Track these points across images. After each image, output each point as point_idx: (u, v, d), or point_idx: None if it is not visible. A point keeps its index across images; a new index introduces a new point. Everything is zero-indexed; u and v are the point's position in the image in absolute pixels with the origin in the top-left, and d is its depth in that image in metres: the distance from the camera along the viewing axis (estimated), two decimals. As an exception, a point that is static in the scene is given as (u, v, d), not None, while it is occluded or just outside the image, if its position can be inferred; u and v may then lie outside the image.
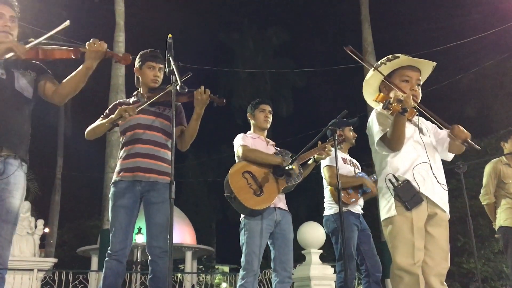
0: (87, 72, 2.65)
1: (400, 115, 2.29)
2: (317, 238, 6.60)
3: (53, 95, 2.68)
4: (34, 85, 2.66)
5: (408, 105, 2.26)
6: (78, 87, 2.70)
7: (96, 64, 2.66)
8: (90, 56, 2.60)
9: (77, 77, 2.66)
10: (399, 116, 2.30)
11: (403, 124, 2.35)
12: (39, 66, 2.70)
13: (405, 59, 2.56)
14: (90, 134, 3.05)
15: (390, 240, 2.38)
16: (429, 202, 2.41)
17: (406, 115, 2.29)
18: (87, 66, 2.63)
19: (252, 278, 3.33)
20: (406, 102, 2.25)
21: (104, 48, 2.63)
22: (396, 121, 2.34)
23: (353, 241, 4.21)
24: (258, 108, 3.76)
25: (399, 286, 2.27)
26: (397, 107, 2.24)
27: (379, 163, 2.57)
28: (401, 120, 2.33)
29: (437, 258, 2.35)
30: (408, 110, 2.28)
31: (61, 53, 2.58)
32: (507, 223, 4.54)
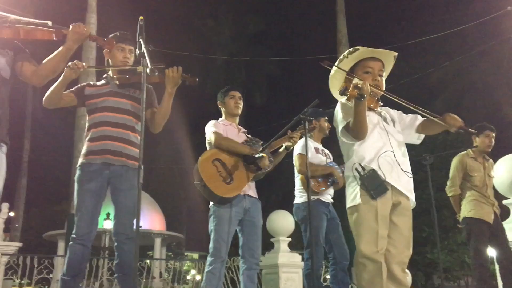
0: (67, 53, 2.63)
1: (357, 101, 2.31)
2: (286, 226, 6.67)
3: (32, 76, 2.62)
4: (12, 65, 2.58)
5: (365, 92, 2.27)
6: (58, 68, 2.68)
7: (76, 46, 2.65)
8: (72, 38, 2.59)
9: (57, 58, 2.63)
10: (358, 102, 2.32)
11: (362, 111, 2.37)
12: (17, 46, 2.62)
13: (365, 51, 2.59)
14: (47, 101, 2.93)
15: (355, 228, 2.42)
16: (394, 191, 2.46)
17: (363, 101, 2.30)
18: (68, 47, 2.61)
19: (219, 264, 3.33)
20: (363, 88, 2.27)
21: (87, 32, 2.63)
22: (355, 108, 2.37)
23: (322, 229, 4.26)
24: (228, 95, 3.75)
25: (362, 273, 2.31)
26: (354, 92, 2.26)
27: (346, 153, 2.60)
28: (360, 106, 2.35)
29: (400, 247, 2.40)
30: (366, 96, 2.28)
31: (43, 33, 2.53)
32: (471, 214, 4.66)
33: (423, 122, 2.68)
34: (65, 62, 2.69)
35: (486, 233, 4.59)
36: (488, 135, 4.79)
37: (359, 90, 2.26)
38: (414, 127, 2.67)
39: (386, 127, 2.57)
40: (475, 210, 4.65)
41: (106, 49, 3.04)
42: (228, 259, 8.77)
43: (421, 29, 17.08)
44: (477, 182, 4.72)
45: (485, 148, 4.81)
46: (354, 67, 2.63)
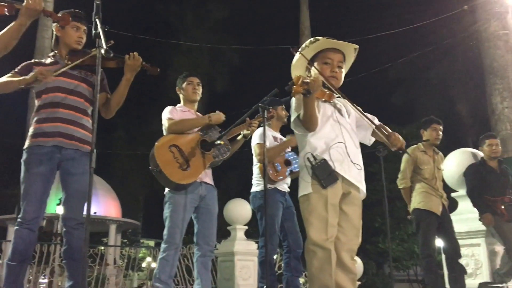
0: (19, 29, 2.55)
1: (304, 97, 2.33)
2: (243, 215, 6.69)
3: None
4: None
5: (312, 87, 2.29)
6: (9, 44, 2.59)
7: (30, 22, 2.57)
8: (25, 13, 2.51)
9: (9, 34, 2.55)
10: (304, 98, 2.34)
11: (311, 105, 2.39)
12: None
13: (325, 42, 2.60)
14: None
15: (306, 217, 2.46)
16: (344, 181, 2.50)
17: (310, 97, 2.32)
18: (20, 22, 2.53)
19: (173, 251, 3.31)
20: (311, 84, 2.29)
21: (41, 7, 2.54)
22: (303, 103, 2.39)
23: (278, 218, 4.31)
24: (186, 81, 3.71)
25: (312, 260, 2.35)
26: (299, 88, 2.26)
27: (300, 143, 2.63)
28: (307, 101, 2.37)
29: (349, 235, 2.46)
30: (312, 92, 2.30)
31: None
32: (421, 205, 4.80)
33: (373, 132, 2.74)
34: (17, 39, 2.59)
35: (434, 224, 4.75)
36: (435, 128, 4.94)
37: (307, 85, 2.27)
38: (368, 131, 2.73)
39: (340, 119, 2.61)
40: (425, 201, 4.79)
41: (60, 25, 2.92)
42: (184, 247, 8.78)
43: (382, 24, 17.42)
44: (427, 175, 4.86)
45: (434, 141, 4.96)
46: (314, 58, 2.64)
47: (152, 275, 3.42)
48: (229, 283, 6.43)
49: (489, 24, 8.74)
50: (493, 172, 5.08)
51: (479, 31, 9.10)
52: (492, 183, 4.99)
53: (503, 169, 5.12)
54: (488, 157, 5.16)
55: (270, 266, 4.52)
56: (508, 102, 8.38)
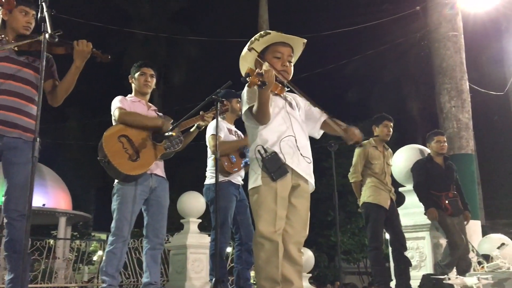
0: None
1: (259, 89, 2.33)
2: (197, 208, 6.66)
3: None
4: None
5: (267, 79, 2.30)
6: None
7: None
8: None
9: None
10: (260, 90, 2.35)
11: (265, 98, 2.40)
12: None
13: (276, 35, 2.62)
14: None
15: (255, 209, 2.47)
16: (294, 174, 2.53)
17: (266, 89, 2.34)
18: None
19: (121, 244, 3.25)
20: (266, 76, 2.30)
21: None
22: (258, 95, 2.39)
23: (231, 210, 4.30)
24: (139, 71, 3.62)
25: (259, 252, 2.37)
26: (255, 80, 2.27)
27: (250, 135, 2.64)
28: (263, 94, 2.38)
29: (297, 227, 2.49)
30: (267, 84, 2.31)
31: None
32: (370, 199, 4.93)
33: (325, 120, 2.76)
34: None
35: (382, 217, 4.89)
36: (386, 125, 5.09)
37: (262, 77, 2.28)
38: (319, 122, 2.76)
39: (291, 112, 2.63)
40: (374, 195, 4.93)
41: (5, 9, 2.79)
42: (136, 240, 8.64)
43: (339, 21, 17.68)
44: (377, 170, 5.00)
45: (384, 137, 5.11)
46: (265, 51, 2.65)
47: None
48: (181, 276, 6.40)
49: (440, 25, 9.02)
50: (439, 168, 5.27)
51: (430, 32, 9.39)
52: (438, 178, 5.18)
53: (448, 165, 5.33)
54: (435, 153, 5.35)
55: (222, 259, 4.52)
56: (455, 101, 8.70)
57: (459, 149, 8.42)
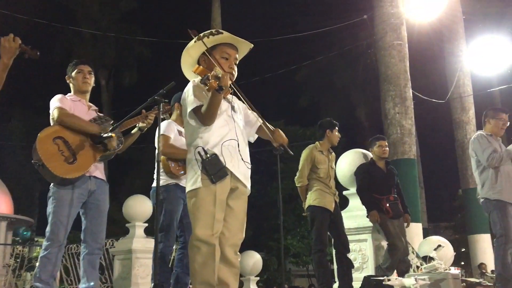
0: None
1: (216, 92, 2.32)
2: (143, 211, 6.55)
3: None
4: None
5: (224, 84, 2.30)
6: None
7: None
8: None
9: None
10: (216, 93, 2.33)
11: (218, 101, 2.40)
12: None
13: (228, 36, 2.62)
14: None
15: (193, 212, 2.44)
16: (233, 177, 2.52)
17: (222, 93, 2.34)
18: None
19: (56, 249, 3.13)
20: (223, 80, 2.30)
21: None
22: (212, 98, 2.38)
23: (177, 214, 4.24)
24: (76, 69, 3.51)
25: (196, 256, 2.35)
26: (214, 84, 2.26)
27: (190, 135, 2.60)
28: (218, 97, 2.37)
29: (234, 230, 2.49)
30: (225, 88, 2.32)
31: None
32: (316, 202, 5.00)
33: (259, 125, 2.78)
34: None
35: (327, 220, 4.97)
36: (337, 131, 5.19)
37: (219, 81, 2.27)
38: (255, 127, 2.77)
39: (234, 115, 2.62)
40: (319, 199, 5.00)
41: None
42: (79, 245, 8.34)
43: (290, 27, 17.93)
44: (322, 174, 5.07)
45: (333, 143, 5.20)
46: (212, 50, 2.63)
47: None
48: (126, 282, 6.25)
49: (386, 34, 9.33)
50: (381, 172, 5.42)
51: (377, 40, 9.69)
52: (379, 182, 5.32)
53: (390, 170, 5.49)
54: (377, 157, 5.50)
55: (165, 263, 4.44)
56: (399, 108, 9.00)
57: (402, 154, 8.71)
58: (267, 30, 20.56)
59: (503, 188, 4.55)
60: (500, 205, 4.52)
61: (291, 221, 16.02)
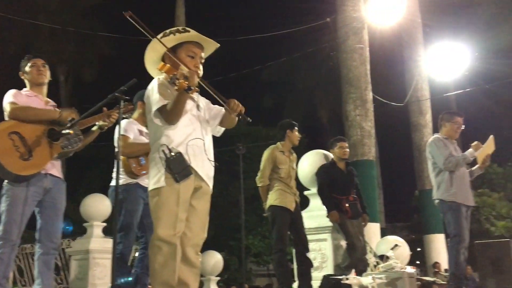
0: None
1: (184, 92, 2.30)
2: (102, 211, 6.42)
3: None
4: None
5: (192, 83, 2.29)
6: None
7: None
8: None
9: None
10: (183, 93, 2.32)
11: (184, 101, 2.38)
12: None
13: (194, 35, 2.60)
14: None
15: (155, 211, 2.41)
16: (197, 176, 2.50)
17: (189, 93, 2.32)
18: None
19: (9, 249, 3.02)
20: (191, 79, 2.29)
21: None
22: (179, 97, 2.36)
23: (137, 213, 4.17)
24: (30, 63, 3.40)
25: (156, 256, 2.32)
26: (184, 84, 2.25)
27: (153, 133, 2.56)
28: (185, 97, 2.36)
29: (196, 230, 2.47)
30: (193, 88, 2.31)
31: None
32: (277, 202, 5.03)
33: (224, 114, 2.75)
34: None
35: (288, 220, 5.01)
36: (297, 131, 5.24)
37: (188, 81, 2.25)
38: (218, 119, 2.75)
39: (199, 114, 2.61)
40: (280, 199, 5.04)
41: None
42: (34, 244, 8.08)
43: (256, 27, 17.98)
44: (283, 174, 5.11)
45: (294, 142, 5.25)
46: (177, 48, 2.60)
47: None
48: (82, 283, 6.12)
49: (348, 37, 9.51)
50: (341, 172, 5.52)
51: (339, 43, 9.86)
52: (339, 183, 5.42)
53: (350, 170, 5.60)
54: (338, 158, 5.59)
55: (125, 263, 4.37)
56: (360, 110, 9.19)
57: (362, 156, 8.90)
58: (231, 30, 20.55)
59: (458, 190, 4.71)
60: (455, 206, 4.67)
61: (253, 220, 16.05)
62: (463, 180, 4.80)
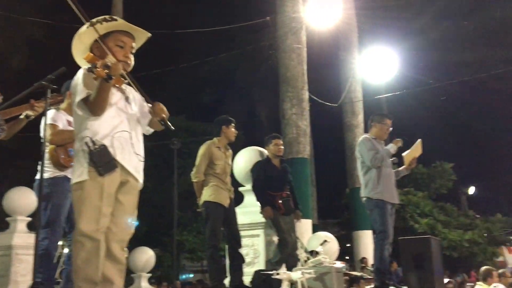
0: None
1: (104, 81, 2.24)
2: (26, 205, 6.12)
3: None
4: None
5: (114, 73, 2.23)
6: None
7: None
8: None
9: None
10: (104, 82, 2.25)
11: (107, 90, 2.32)
12: None
13: (122, 24, 2.54)
14: None
15: (77, 205, 2.33)
16: (123, 170, 2.45)
17: (111, 82, 2.26)
18: None
19: None
20: (113, 69, 2.22)
21: None
22: (100, 87, 2.29)
23: (64, 208, 4.02)
24: None
25: (79, 252, 2.25)
26: (102, 73, 2.18)
27: (78, 125, 2.48)
28: (106, 86, 2.29)
29: (122, 225, 2.42)
30: (114, 77, 2.24)
31: None
32: (211, 198, 5.03)
33: None
34: None
35: (221, 216, 5.02)
36: (233, 127, 5.26)
37: (109, 70, 2.18)
38: (147, 119, 2.70)
39: (126, 106, 2.55)
40: (215, 195, 5.04)
41: None
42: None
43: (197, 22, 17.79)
44: (219, 170, 5.11)
45: (230, 138, 5.26)
46: (106, 37, 2.52)
47: None
48: (3, 280, 5.81)
49: (287, 37, 9.64)
50: (275, 169, 5.61)
51: (278, 42, 9.98)
52: (273, 179, 5.50)
53: (284, 167, 5.70)
54: (273, 155, 5.67)
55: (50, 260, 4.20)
56: (296, 109, 9.36)
57: (297, 153, 9.07)
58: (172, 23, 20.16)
59: (384, 189, 4.94)
60: (381, 204, 4.90)
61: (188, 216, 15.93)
62: (389, 179, 5.04)
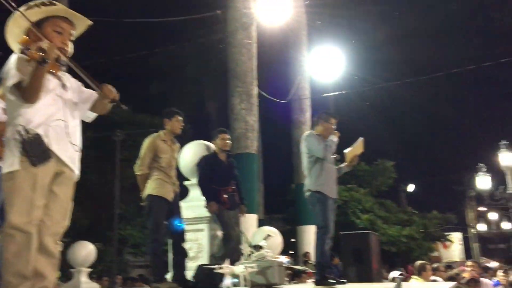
0: None
1: (39, 65, 2.15)
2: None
3: None
4: None
5: (49, 57, 2.14)
6: None
7: None
8: None
9: None
10: (38, 66, 2.16)
11: (42, 76, 2.22)
12: None
13: (61, 9, 2.45)
14: None
15: (8, 196, 2.23)
16: (58, 161, 2.36)
17: (45, 66, 2.17)
18: None
19: None
20: (48, 53, 2.13)
21: None
22: (34, 72, 2.19)
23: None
24: None
25: (9, 245, 2.15)
26: (36, 55, 2.09)
27: (10, 111, 2.36)
28: (40, 71, 2.20)
29: (56, 217, 2.33)
30: (49, 61, 2.15)
31: None
32: (154, 192, 4.94)
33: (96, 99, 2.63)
34: None
35: (165, 210, 4.95)
36: (178, 120, 5.18)
37: (44, 53, 2.09)
38: (89, 103, 2.61)
39: (63, 94, 2.45)
40: (158, 188, 4.95)
41: None
42: None
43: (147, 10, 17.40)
44: (164, 163, 5.03)
45: (175, 131, 5.18)
46: (43, 22, 2.42)
47: None
48: None
49: (237, 32, 9.63)
50: (222, 164, 5.59)
51: (228, 37, 9.95)
52: (219, 174, 5.49)
53: (230, 162, 5.70)
54: (219, 150, 5.65)
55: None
56: (245, 104, 9.38)
57: (245, 149, 9.11)
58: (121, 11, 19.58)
59: (325, 182, 5.07)
60: (322, 199, 5.01)
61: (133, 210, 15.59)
62: (330, 175, 5.17)
